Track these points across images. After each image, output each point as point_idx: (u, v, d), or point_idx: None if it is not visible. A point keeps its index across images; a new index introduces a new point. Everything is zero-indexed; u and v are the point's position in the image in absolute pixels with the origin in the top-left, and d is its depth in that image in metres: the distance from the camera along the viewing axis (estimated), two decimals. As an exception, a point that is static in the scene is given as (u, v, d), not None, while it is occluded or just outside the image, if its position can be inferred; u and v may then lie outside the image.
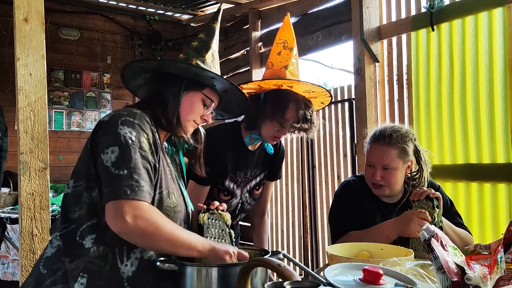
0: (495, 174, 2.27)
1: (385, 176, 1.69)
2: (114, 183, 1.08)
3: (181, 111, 1.29)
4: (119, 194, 1.07)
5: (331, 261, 1.32)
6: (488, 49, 2.30)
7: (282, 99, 1.73)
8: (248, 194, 1.93)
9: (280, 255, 1.18)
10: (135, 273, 1.16)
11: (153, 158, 1.16)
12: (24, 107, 1.86)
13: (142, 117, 1.19)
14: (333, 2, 3.36)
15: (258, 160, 1.92)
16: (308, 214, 3.75)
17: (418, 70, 2.65)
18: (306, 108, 1.75)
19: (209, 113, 1.34)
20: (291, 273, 0.83)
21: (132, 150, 1.11)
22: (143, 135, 1.15)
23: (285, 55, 1.82)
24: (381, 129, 1.75)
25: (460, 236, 1.67)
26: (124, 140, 1.12)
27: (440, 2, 2.47)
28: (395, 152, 1.68)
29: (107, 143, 1.12)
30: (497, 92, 2.27)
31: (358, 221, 1.75)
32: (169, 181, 1.24)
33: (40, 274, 1.16)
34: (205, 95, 1.32)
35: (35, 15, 1.89)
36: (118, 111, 1.21)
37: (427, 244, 1.02)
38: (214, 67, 1.34)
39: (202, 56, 1.32)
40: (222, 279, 1.09)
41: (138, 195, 1.07)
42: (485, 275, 0.95)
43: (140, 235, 1.08)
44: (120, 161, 1.10)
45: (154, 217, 1.09)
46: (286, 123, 1.73)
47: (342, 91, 3.46)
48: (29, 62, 1.87)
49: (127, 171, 1.09)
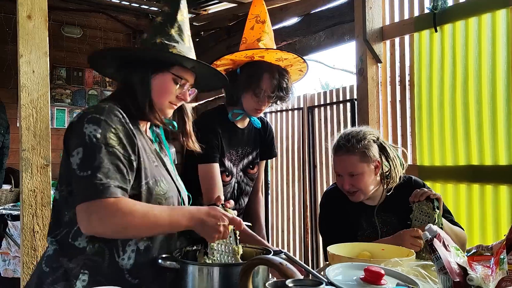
0: (497, 176, 2.27)
1: (354, 182, 1.71)
2: (80, 186, 1.08)
3: (154, 96, 1.24)
4: (83, 197, 1.06)
5: (332, 261, 1.32)
6: (491, 50, 2.29)
7: (256, 70, 1.77)
8: (243, 173, 1.95)
9: (282, 254, 1.18)
10: (134, 265, 1.16)
11: (125, 151, 1.13)
12: (26, 104, 1.86)
13: (110, 111, 1.15)
14: (336, 2, 3.35)
15: (248, 138, 1.95)
16: (309, 214, 3.75)
17: (421, 71, 2.65)
18: (280, 77, 1.78)
19: (185, 91, 1.28)
20: (293, 271, 0.83)
21: (96, 148, 1.09)
22: (110, 130, 1.12)
23: (258, 28, 1.85)
24: (337, 140, 1.77)
25: (456, 235, 1.67)
26: (89, 139, 1.09)
27: (443, 3, 2.47)
28: (355, 158, 1.70)
29: (74, 144, 1.11)
30: (499, 94, 2.26)
31: (345, 228, 1.76)
32: (155, 169, 1.22)
33: (42, 271, 1.16)
34: (174, 74, 1.25)
35: (38, 12, 1.89)
36: (88, 108, 1.19)
37: (429, 245, 1.02)
38: (183, 41, 1.26)
39: (166, 32, 1.24)
40: (223, 277, 1.09)
41: (104, 193, 1.05)
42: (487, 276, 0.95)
43: (112, 233, 1.09)
44: (84, 163, 1.08)
45: (122, 210, 1.06)
46: (261, 93, 1.77)
47: (344, 92, 3.46)
48: (32, 59, 1.88)
49: (90, 171, 1.07)
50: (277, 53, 1.77)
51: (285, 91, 1.80)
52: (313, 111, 3.73)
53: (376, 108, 2.92)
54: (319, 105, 3.69)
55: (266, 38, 1.83)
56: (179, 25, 1.27)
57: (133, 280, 1.16)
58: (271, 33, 1.88)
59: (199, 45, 5.22)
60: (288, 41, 3.77)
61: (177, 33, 1.26)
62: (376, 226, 1.75)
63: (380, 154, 1.75)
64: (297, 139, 3.92)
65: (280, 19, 3.86)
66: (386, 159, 1.76)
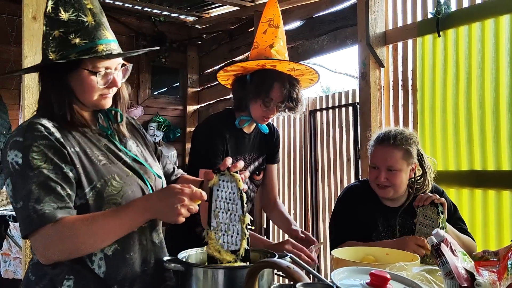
0: (500, 181, 2.27)
1: (389, 177, 1.70)
2: (19, 219, 1.06)
3: (78, 95, 1.15)
4: (24, 231, 1.04)
5: (336, 265, 1.32)
6: (494, 55, 2.30)
7: (266, 78, 1.73)
8: (249, 180, 1.93)
9: (287, 257, 1.17)
10: (107, 273, 1.12)
11: (55, 166, 1.06)
12: (30, 105, 1.87)
13: (29, 129, 1.08)
14: (339, 6, 3.36)
15: (254, 143, 1.92)
16: (310, 217, 3.74)
17: (424, 76, 2.65)
18: (291, 87, 1.74)
19: (111, 78, 1.16)
20: (300, 275, 0.82)
21: (20, 177, 1.04)
22: (32, 149, 1.05)
23: (271, 33, 1.80)
24: (385, 131, 1.77)
25: (464, 242, 1.67)
26: (13, 168, 1.06)
27: (446, 8, 2.47)
28: (399, 153, 1.70)
29: (5, 176, 1.09)
30: (503, 99, 2.26)
31: (360, 226, 1.75)
32: (103, 169, 1.13)
33: (29, 281, 1.14)
34: (87, 70, 1.12)
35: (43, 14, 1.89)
36: (13, 132, 1.14)
37: (435, 249, 1.02)
38: (86, 16, 1.10)
39: (59, 20, 1.09)
40: (228, 280, 1.08)
41: (40, 221, 1.01)
42: (494, 281, 0.95)
43: (65, 257, 1.06)
44: (14, 194, 1.06)
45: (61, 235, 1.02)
46: (271, 102, 1.74)
47: (347, 96, 3.46)
48: (36, 60, 1.88)
49: (22, 202, 1.04)
50: (290, 63, 1.73)
51: (295, 102, 1.76)
52: (315, 115, 3.73)
53: (379, 112, 2.92)
54: (321, 108, 3.69)
55: (278, 44, 1.78)
56: (72, 3, 1.11)
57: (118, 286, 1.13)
58: (284, 38, 1.84)
59: (201, 47, 5.23)
60: (291, 44, 3.77)
61: (74, 14, 1.10)
62: (393, 229, 1.75)
63: (417, 159, 1.76)
64: (299, 142, 3.92)
65: (283, 23, 3.87)
66: (421, 165, 1.77)
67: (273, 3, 1.85)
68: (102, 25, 1.16)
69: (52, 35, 1.12)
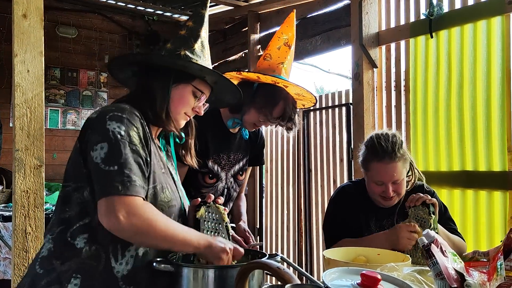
0: (491, 182, 2.28)
1: (396, 188, 1.70)
2: (105, 180, 1.06)
3: (171, 105, 1.26)
4: (110, 191, 1.05)
5: (327, 265, 1.31)
6: (486, 57, 2.31)
7: (275, 95, 1.80)
8: (233, 179, 1.97)
9: (277, 257, 1.17)
10: (130, 271, 1.14)
11: (144, 152, 1.14)
12: (20, 104, 1.84)
13: (131, 111, 1.16)
14: (332, 6, 3.37)
15: (239, 144, 1.97)
16: (303, 218, 3.75)
17: (416, 77, 2.66)
18: (293, 109, 1.84)
19: (200, 105, 1.31)
20: (290, 276, 0.82)
21: (121, 145, 1.09)
22: (133, 129, 1.13)
23: (284, 51, 1.87)
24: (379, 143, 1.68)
25: (454, 243, 1.67)
26: (113, 135, 1.09)
27: (439, 9, 2.48)
28: (400, 164, 1.69)
29: (96, 140, 1.10)
30: (494, 100, 2.28)
31: (353, 226, 1.75)
32: (162, 176, 1.22)
33: (36, 274, 1.14)
34: (195, 87, 1.29)
35: (34, 11, 1.88)
36: (106, 107, 1.19)
37: (426, 250, 1.02)
38: (204, 56, 1.30)
39: (190, 45, 1.27)
40: (218, 280, 1.08)
41: (131, 190, 1.05)
42: (484, 282, 0.95)
43: (134, 233, 1.06)
44: (109, 157, 1.07)
45: (148, 213, 1.07)
46: (271, 117, 1.81)
47: (340, 96, 3.47)
48: (27, 59, 1.85)
49: (117, 166, 1.06)
50: (301, 90, 1.81)
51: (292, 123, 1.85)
52: (308, 115, 3.73)
53: (372, 113, 2.93)
54: (314, 109, 3.69)
55: (288, 64, 1.86)
56: (202, 41, 1.30)
57: (126, 286, 1.14)
58: (292, 58, 1.92)
59: (195, 47, 5.21)
60: (284, 44, 3.77)
61: (200, 48, 1.29)
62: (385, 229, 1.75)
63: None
64: (292, 142, 3.92)
65: (277, 23, 3.87)
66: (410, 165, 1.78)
67: (291, 23, 1.91)
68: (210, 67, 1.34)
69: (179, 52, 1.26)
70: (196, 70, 1.27)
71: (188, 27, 1.31)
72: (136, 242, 1.13)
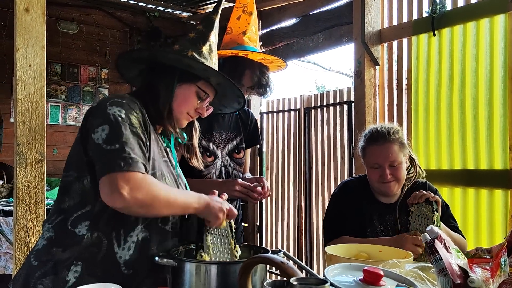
0: (492, 180, 2.28)
1: (393, 172, 1.72)
2: (106, 158, 1.08)
3: (174, 103, 1.27)
4: (113, 167, 1.06)
5: (329, 262, 1.31)
6: (488, 55, 2.31)
7: (238, 66, 1.84)
8: (229, 158, 1.99)
9: (280, 253, 1.17)
10: (132, 256, 1.15)
11: (144, 136, 1.16)
12: (22, 98, 1.84)
13: (130, 99, 1.19)
14: (334, 4, 3.36)
15: (230, 123, 2.01)
16: (304, 215, 3.75)
17: (418, 75, 2.65)
18: (261, 74, 1.87)
19: (204, 107, 1.32)
20: (294, 270, 0.82)
21: (122, 126, 1.11)
22: (133, 113, 1.15)
23: (244, 20, 1.90)
24: (374, 129, 1.78)
25: (455, 240, 1.67)
26: (114, 118, 1.11)
27: (442, 7, 2.48)
28: (396, 147, 1.72)
29: (97, 123, 1.12)
30: (496, 99, 2.27)
31: (355, 222, 1.75)
32: (163, 165, 1.23)
33: (31, 266, 1.15)
34: (199, 88, 1.30)
35: (36, 6, 1.87)
36: (106, 97, 1.23)
37: (429, 246, 1.02)
38: (211, 59, 1.31)
39: (198, 48, 1.29)
40: (221, 275, 1.07)
41: (133, 166, 1.07)
42: (487, 278, 0.95)
43: (139, 206, 1.09)
44: (111, 137, 1.10)
45: (150, 186, 1.09)
46: (242, 88, 1.83)
47: (341, 94, 3.46)
48: (28, 53, 1.85)
49: (119, 145, 1.08)
50: (262, 54, 1.86)
51: (264, 88, 1.90)
52: (309, 112, 3.73)
53: (373, 111, 2.92)
54: (315, 106, 3.69)
55: (250, 31, 1.88)
56: (210, 45, 1.32)
57: (128, 271, 1.15)
58: (256, 25, 1.94)
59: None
60: (286, 42, 3.77)
61: (208, 51, 1.30)
62: (388, 224, 1.75)
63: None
64: (293, 140, 3.91)
65: (279, 20, 3.86)
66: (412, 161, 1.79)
67: None
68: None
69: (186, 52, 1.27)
70: (200, 70, 1.28)
71: (198, 30, 1.33)
72: (140, 214, 1.15)
